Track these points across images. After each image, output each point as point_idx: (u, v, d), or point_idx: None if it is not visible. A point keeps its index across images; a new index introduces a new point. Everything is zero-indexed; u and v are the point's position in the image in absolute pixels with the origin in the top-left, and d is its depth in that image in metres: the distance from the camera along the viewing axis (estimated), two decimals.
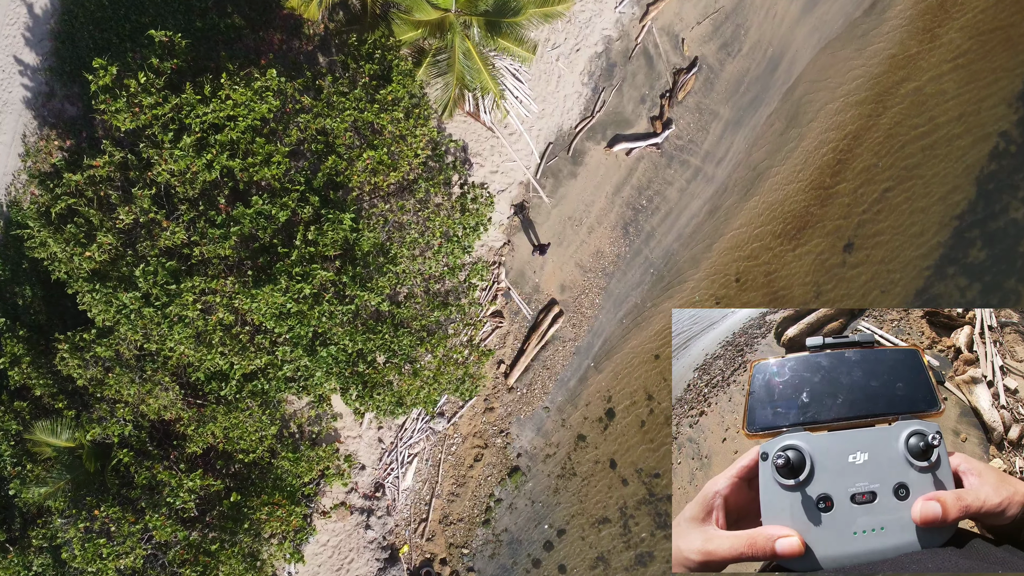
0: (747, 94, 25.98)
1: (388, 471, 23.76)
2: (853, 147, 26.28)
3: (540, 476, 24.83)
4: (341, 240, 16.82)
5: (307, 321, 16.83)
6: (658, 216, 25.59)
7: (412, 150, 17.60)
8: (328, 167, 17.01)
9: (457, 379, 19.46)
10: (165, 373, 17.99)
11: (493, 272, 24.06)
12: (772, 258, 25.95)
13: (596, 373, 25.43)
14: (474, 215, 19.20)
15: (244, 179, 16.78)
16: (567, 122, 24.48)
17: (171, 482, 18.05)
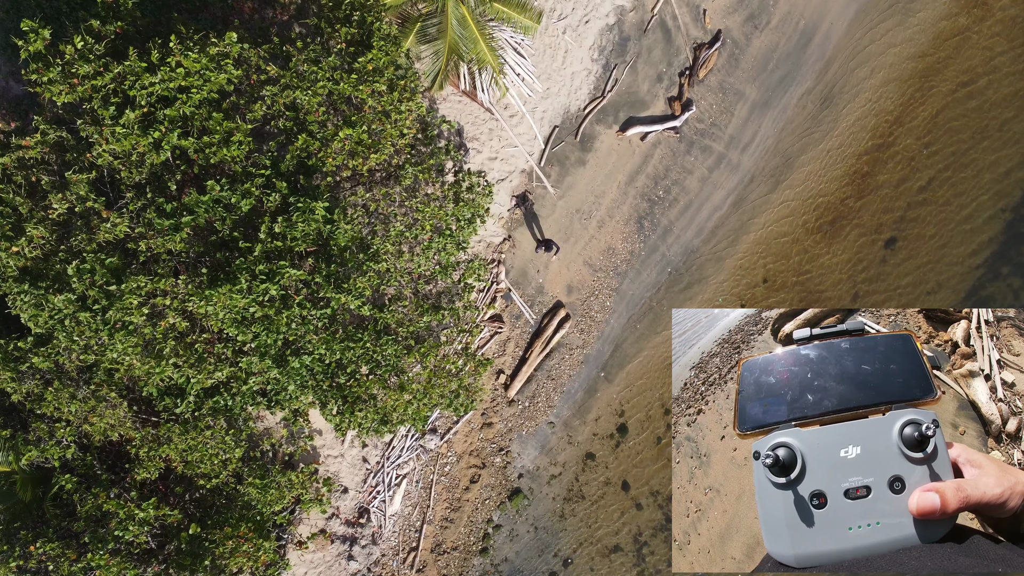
0: (776, 72, 24.77)
1: (374, 494, 22.40)
2: (895, 131, 24.96)
3: (544, 499, 23.54)
4: (313, 233, 15.20)
5: (274, 327, 15.22)
6: (676, 209, 24.33)
7: (397, 129, 15.86)
8: (298, 148, 15.35)
9: (450, 393, 18.03)
10: (111, 388, 16.25)
11: (491, 271, 22.78)
12: (804, 255, 24.64)
13: (607, 384, 24.15)
14: (470, 206, 17.57)
15: (199, 162, 15.08)
16: (575, 103, 23.19)
17: (119, 513, 16.38)
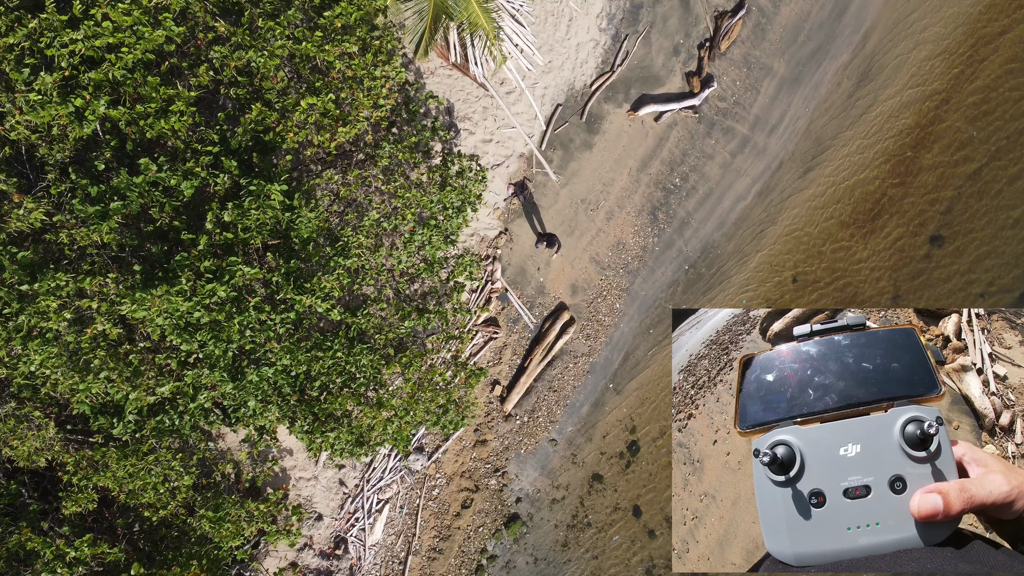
0: (807, 44, 24.00)
1: (352, 522, 21.05)
2: (941, 111, 24.11)
3: (545, 526, 22.45)
4: (271, 223, 13.52)
5: (225, 335, 13.61)
6: (695, 198, 23.43)
7: (371, 98, 14.05)
8: (252, 120, 13.75)
9: (438, 408, 16.59)
10: (35, 406, 14.64)
11: (485, 269, 21.68)
12: (839, 252, 23.70)
13: (616, 396, 23.09)
14: (459, 191, 15.90)
15: (132, 136, 13.42)
16: (580, 78, 22.16)
17: (45, 552, 14.72)
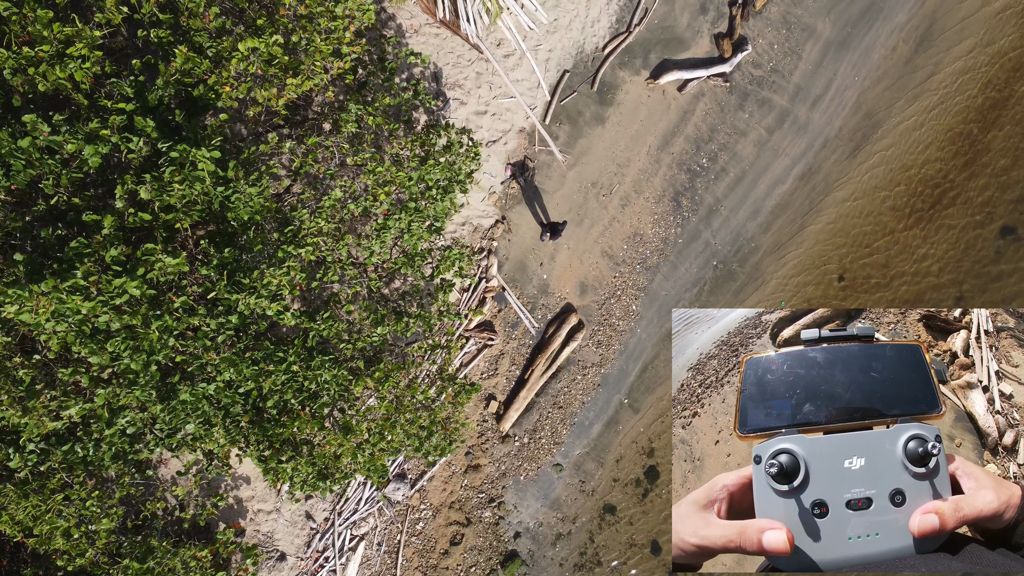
0: (857, 2, 22.82)
1: (320, 562, 19.54)
2: (1013, 81, 22.82)
3: (549, 566, 21.15)
4: (201, 200, 11.43)
5: (144, 344, 11.62)
6: (725, 182, 22.22)
7: (330, 43, 11.90)
8: (176, 70, 11.67)
9: (420, 431, 15.09)
10: None
11: (479, 264, 20.28)
12: (892, 246, 22.70)
13: (632, 414, 21.80)
14: (445, 168, 13.86)
15: (19, 88, 11.28)
16: (591, 40, 20.73)
17: None
